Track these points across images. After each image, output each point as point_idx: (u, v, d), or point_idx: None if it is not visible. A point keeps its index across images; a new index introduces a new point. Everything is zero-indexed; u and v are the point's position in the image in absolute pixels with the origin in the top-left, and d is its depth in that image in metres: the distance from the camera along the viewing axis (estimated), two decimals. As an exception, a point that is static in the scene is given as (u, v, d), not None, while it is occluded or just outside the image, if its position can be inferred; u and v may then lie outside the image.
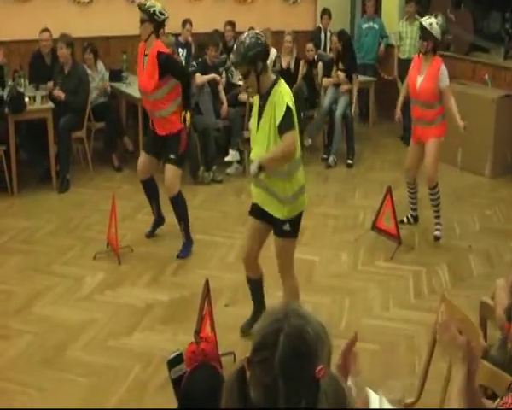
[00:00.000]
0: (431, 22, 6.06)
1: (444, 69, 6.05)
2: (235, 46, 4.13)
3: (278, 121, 3.98)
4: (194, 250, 6.03)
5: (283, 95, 4.04)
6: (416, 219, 6.75)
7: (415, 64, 6.22)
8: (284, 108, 3.97)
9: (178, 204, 5.95)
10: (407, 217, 6.68)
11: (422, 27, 6.06)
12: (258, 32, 4.20)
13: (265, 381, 1.55)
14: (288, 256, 4.39)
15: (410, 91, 6.23)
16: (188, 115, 5.78)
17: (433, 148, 6.16)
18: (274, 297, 4.68)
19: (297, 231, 4.34)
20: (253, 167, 4.05)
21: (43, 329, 4.76)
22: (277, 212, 4.23)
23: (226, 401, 1.60)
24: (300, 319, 1.61)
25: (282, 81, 4.14)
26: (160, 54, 5.64)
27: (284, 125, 3.99)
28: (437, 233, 6.39)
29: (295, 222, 4.28)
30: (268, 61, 4.14)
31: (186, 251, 5.99)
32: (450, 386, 2.04)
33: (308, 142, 8.80)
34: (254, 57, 4.02)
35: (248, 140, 4.85)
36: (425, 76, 6.05)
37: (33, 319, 4.90)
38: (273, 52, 8.76)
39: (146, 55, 5.73)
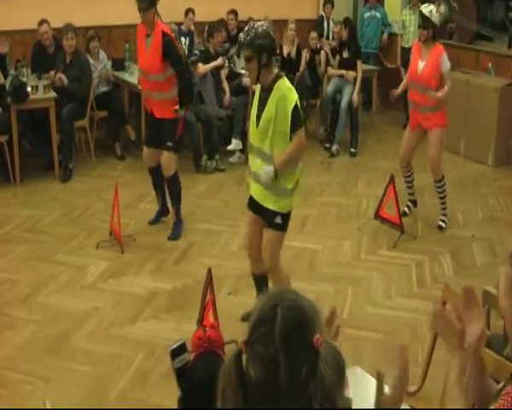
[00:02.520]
0: (431, 10, 6.03)
1: (445, 57, 5.99)
2: (246, 28, 4.11)
3: (288, 119, 4.00)
4: (197, 239, 6.05)
5: (290, 91, 4.06)
6: (415, 203, 6.77)
7: (415, 51, 6.16)
8: (293, 106, 4.00)
9: (174, 183, 6.06)
10: (407, 205, 6.65)
11: (422, 15, 6.01)
12: (269, 26, 4.19)
13: (266, 355, 1.58)
14: (277, 249, 4.40)
15: (411, 75, 6.17)
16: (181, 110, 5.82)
17: (437, 139, 6.13)
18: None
19: (287, 225, 4.35)
20: (269, 174, 4.10)
21: (48, 318, 4.78)
22: (273, 204, 4.23)
23: (224, 386, 1.62)
24: (294, 294, 1.68)
25: (285, 77, 4.13)
26: (164, 34, 5.64)
27: (295, 124, 4.04)
28: (441, 223, 6.39)
29: (287, 216, 4.31)
30: (273, 58, 4.13)
31: (177, 232, 6.08)
32: (448, 374, 2.03)
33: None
34: (260, 47, 4.01)
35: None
36: (427, 62, 6.00)
37: (37, 308, 4.91)
38: None
39: (149, 36, 5.70)
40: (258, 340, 1.59)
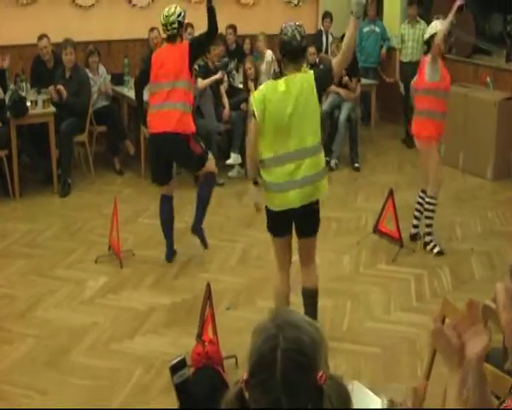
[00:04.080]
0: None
1: None
2: (294, 34, 4.32)
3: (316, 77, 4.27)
4: (196, 253, 6.04)
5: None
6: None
7: (422, 65, 6.08)
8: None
9: None
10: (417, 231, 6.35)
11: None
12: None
13: (267, 401, 1.53)
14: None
15: (442, 85, 5.95)
16: None
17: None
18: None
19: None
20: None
21: (46, 332, 4.77)
22: (322, 191, 4.40)
23: None
24: (294, 328, 1.57)
25: None
26: None
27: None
28: (436, 250, 6.16)
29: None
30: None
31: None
32: (448, 391, 2.02)
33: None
34: None
35: None
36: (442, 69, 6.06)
37: (36, 323, 4.91)
38: (269, 54, 8.74)
39: None
40: (259, 385, 1.54)
